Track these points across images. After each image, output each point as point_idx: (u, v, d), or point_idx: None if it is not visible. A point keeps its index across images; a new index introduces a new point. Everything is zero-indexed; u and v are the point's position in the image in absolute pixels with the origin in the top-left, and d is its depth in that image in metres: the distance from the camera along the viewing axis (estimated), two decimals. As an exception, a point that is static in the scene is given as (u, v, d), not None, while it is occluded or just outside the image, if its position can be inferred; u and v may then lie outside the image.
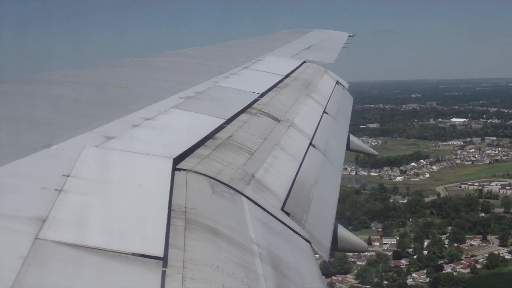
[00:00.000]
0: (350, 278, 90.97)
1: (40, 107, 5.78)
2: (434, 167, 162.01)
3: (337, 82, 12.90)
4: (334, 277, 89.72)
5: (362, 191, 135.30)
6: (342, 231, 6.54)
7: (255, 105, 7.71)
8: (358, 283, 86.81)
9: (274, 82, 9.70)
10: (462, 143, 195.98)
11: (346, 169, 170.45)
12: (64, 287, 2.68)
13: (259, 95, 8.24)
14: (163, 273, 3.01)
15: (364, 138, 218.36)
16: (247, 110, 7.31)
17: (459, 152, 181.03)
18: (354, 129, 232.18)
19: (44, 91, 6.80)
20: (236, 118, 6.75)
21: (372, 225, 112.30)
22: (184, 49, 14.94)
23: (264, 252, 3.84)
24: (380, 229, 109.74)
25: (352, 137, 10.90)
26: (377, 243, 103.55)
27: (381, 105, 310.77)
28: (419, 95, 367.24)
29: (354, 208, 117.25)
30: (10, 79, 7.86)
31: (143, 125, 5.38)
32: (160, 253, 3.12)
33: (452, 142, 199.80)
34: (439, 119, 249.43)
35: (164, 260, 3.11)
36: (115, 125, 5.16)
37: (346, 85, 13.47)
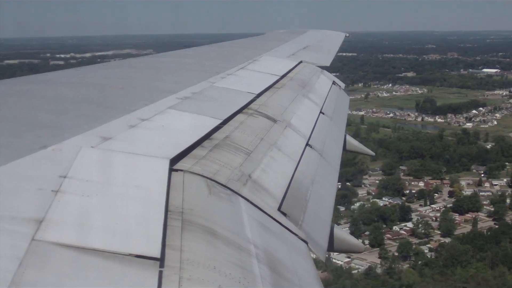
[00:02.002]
0: (482, 215, 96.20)
1: (37, 108, 5.76)
2: (497, 115, 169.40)
3: (334, 82, 12.92)
4: (468, 214, 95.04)
5: (442, 136, 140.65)
6: (339, 232, 6.55)
7: (251, 106, 7.72)
8: (493, 221, 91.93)
9: (271, 83, 9.72)
10: (508, 92, 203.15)
11: (409, 115, 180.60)
12: None
13: (255, 95, 8.25)
14: (160, 273, 3.02)
15: (407, 86, 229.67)
16: (244, 111, 7.32)
17: (511, 101, 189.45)
18: (393, 77, 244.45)
19: (41, 92, 6.79)
20: (232, 118, 6.75)
21: (472, 167, 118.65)
22: (181, 49, 14.94)
23: (261, 252, 3.85)
24: (482, 172, 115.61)
25: (348, 137, 10.91)
26: (487, 184, 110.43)
27: (401, 54, 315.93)
28: (433, 46, 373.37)
29: (449, 152, 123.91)
30: (6, 80, 7.84)
31: (139, 126, 5.38)
32: (157, 253, 3.13)
33: (497, 91, 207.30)
34: (470, 70, 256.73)
35: (161, 260, 3.11)
36: (112, 126, 5.16)
37: (343, 85, 13.50)
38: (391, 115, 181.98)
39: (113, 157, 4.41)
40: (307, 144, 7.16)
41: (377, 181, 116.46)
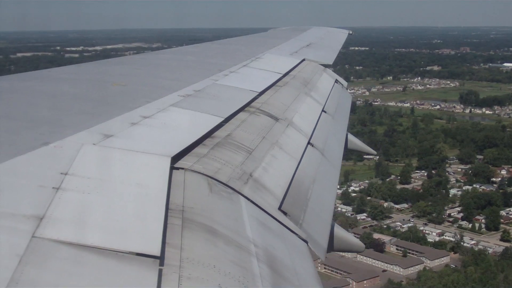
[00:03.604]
0: None
1: (38, 105, 5.77)
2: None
3: (336, 81, 12.90)
4: None
5: (504, 126, 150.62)
6: (339, 231, 6.54)
7: (253, 104, 7.71)
8: None
9: (273, 81, 9.70)
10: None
11: (455, 107, 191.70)
12: (60, 286, 2.69)
13: (258, 93, 8.24)
14: (160, 272, 3.02)
15: (437, 80, 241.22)
16: (246, 109, 7.31)
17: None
18: (421, 71, 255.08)
19: (42, 88, 6.79)
20: (234, 116, 6.75)
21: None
22: (183, 46, 14.93)
23: (261, 251, 3.85)
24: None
25: (350, 136, 10.90)
26: None
27: (412, 49, 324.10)
28: (439, 41, 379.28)
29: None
30: (7, 76, 7.84)
31: (141, 123, 5.37)
32: (157, 252, 3.13)
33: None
34: (490, 64, 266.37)
35: (161, 259, 3.12)
36: (113, 123, 5.16)
37: (345, 84, 13.48)
38: (438, 107, 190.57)
39: (114, 154, 4.41)
40: (308, 143, 7.15)
41: (459, 169, 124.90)
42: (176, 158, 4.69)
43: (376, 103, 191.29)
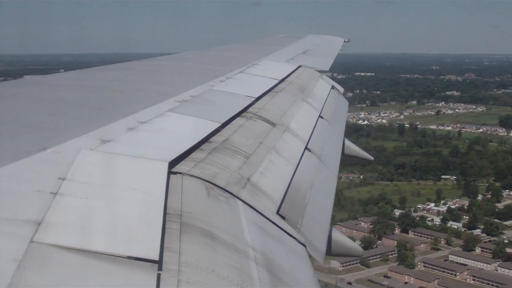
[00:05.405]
0: None
1: (36, 110, 5.76)
2: None
3: (332, 87, 12.94)
4: None
5: None
6: (337, 235, 6.54)
7: (250, 109, 7.72)
8: None
9: (270, 86, 9.73)
10: None
11: (497, 130, 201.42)
12: None
13: (254, 99, 8.26)
14: (158, 276, 3.01)
15: (462, 104, 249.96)
16: (243, 114, 7.33)
17: None
18: (443, 96, 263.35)
19: (40, 94, 6.79)
20: (231, 122, 6.76)
21: None
22: (180, 53, 14.96)
23: (259, 255, 3.85)
24: None
25: (347, 142, 10.91)
26: None
27: (417, 75, 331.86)
28: (437, 67, 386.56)
29: None
30: (5, 81, 7.84)
31: (139, 129, 5.38)
32: (155, 256, 3.12)
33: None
34: (503, 90, 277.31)
35: (159, 263, 3.11)
36: (111, 129, 5.16)
37: (342, 90, 13.51)
38: (481, 130, 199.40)
39: (112, 159, 4.41)
40: (306, 148, 7.16)
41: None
42: (173, 163, 4.69)
43: (419, 126, 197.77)
